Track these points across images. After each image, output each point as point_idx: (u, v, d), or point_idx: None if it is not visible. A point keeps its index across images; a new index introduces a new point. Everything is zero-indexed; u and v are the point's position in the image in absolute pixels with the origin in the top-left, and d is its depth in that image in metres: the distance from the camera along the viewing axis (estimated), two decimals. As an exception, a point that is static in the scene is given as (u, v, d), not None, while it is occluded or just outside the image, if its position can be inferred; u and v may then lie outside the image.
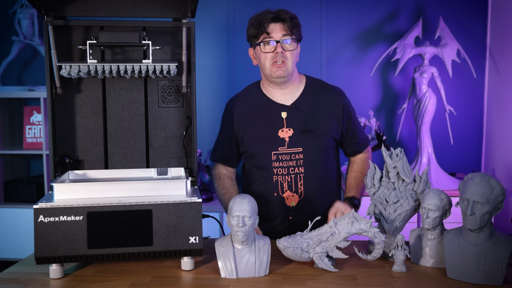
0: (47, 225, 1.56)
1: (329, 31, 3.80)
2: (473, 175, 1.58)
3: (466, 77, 3.70)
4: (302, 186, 2.01)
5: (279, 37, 1.95)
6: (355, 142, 2.12)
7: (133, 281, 1.59)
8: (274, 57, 1.95)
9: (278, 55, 1.95)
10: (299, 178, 2.00)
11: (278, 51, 1.95)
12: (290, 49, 1.96)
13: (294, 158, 2.00)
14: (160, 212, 1.61)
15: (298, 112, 2.01)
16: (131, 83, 1.94)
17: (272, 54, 1.96)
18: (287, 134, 2.00)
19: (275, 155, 2.00)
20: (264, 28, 1.95)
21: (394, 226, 1.78)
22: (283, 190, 2.01)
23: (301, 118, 2.01)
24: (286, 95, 2.05)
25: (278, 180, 2.01)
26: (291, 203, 2.01)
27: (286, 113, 2.02)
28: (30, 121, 3.96)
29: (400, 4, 3.76)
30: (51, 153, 1.85)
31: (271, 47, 1.96)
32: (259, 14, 1.99)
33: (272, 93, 2.06)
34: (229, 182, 2.13)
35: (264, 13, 1.98)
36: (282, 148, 2.00)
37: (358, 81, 3.82)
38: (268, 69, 1.98)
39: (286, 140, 2.00)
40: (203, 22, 3.80)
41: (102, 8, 1.84)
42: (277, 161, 2.00)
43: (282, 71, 1.96)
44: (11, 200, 3.86)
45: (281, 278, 1.61)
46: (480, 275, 1.55)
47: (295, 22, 1.97)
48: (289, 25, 1.95)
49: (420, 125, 3.45)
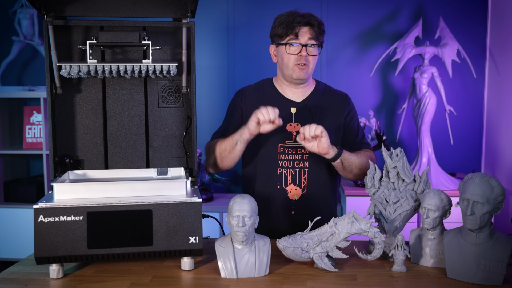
0: (47, 225, 1.56)
1: (329, 31, 3.79)
2: (473, 175, 1.58)
3: (466, 77, 3.70)
4: (305, 180, 2.03)
5: (305, 41, 1.98)
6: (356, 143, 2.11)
7: (133, 281, 1.59)
8: (298, 60, 1.99)
9: (302, 58, 1.98)
10: (303, 172, 2.03)
11: (302, 54, 1.98)
12: (314, 54, 2.00)
13: (299, 152, 2.03)
14: (160, 212, 1.61)
15: (308, 108, 2.05)
16: (131, 83, 1.94)
17: (296, 56, 1.99)
18: (295, 129, 2.03)
19: (282, 147, 2.04)
20: (293, 30, 1.97)
21: (394, 226, 1.78)
22: (287, 183, 2.04)
23: (309, 115, 2.04)
24: (298, 93, 2.09)
25: (283, 173, 2.04)
26: (294, 196, 2.04)
27: (295, 109, 2.05)
28: (30, 121, 3.96)
29: (400, 4, 3.76)
30: (51, 153, 1.85)
31: (296, 49, 1.99)
32: (288, 14, 2.01)
33: (285, 90, 2.10)
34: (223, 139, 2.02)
35: (294, 15, 1.99)
36: (289, 141, 2.04)
37: (358, 81, 3.82)
38: (291, 69, 2.01)
39: (294, 134, 2.03)
40: (203, 22, 3.81)
41: (102, 8, 1.84)
42: (283, 153, 2.03)
43: (303, 73, 2.00)
44: (11, 200, 3.86)
45: (281, 278, 1.61)
46: (480, 275, 1.55)
47: (322, 29, 2.00)
48: (317, 31, 1.98)
49: (420, 125, 3.45)
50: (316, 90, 2.11)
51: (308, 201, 2.04)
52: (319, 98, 2.09)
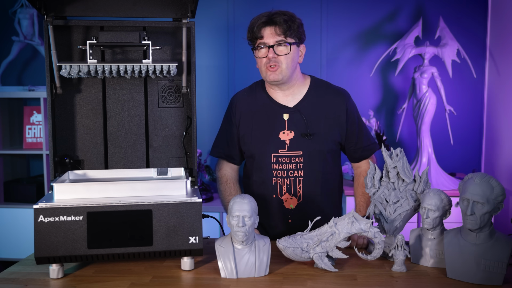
0: (47, 225, 1.56)
1: (329, 31, 3.80)
2: (473, 175, 1.57)
3: (466, 77, 3.70)
4: (301, 189, 1.99)
5: (272, 42, 1.91)
6: (361, 147, 2.07)
7: (133, 281, 1.59)
8: (267, 62, 1.93)
9: (270, 60, 1.92)
10: (298, 182, 1.99)
11: (269, 56, 1.92)
12: (284, 53, 1.92)
13: (294, 161, 1.98)
14: (160, 212, 1.61)
15: (300, 115, 1.99)
16: (131, 83, 1.94)
17: (266, 59, 1.93)
18: (288, 137, 1.98)
19: (275, 157, 1.99)
20: (256, 33, 1.93)
21: (394, 226, 1.78)
22: (282, 192, 2.00)
23: (302, 121, 1.99)
24: (288, 97, 2.02)
25: (277, 183, 2.00)
26: (290, 205, 2.00)
27: (288, 115, 2.00)
28: (30, 121, 3.96)
29: (400, 4, 3.76)
30: (51, 153, 1.85)
31: (264, 51, 1.94)
32: (255, 17, 1.96)
33: (275, 94, 2.04)
34: (236, 188, 2.10)
35: (259, 17, 1.94)
36: (283, 150, 1.99)
37: (358, 81, 3.82)
38: (264, 73, 1.97)
39: (287, 143, 1.98)
40: (203, 22, 3.81)
41: (102, 8, 1.84)
42: (277, 163, 1.99)
43: (275, 75, 1.93)
44: (11, 200, 3.86)
45: (281, 278, 1.61)
46: (480, 275, 1.55)
47: (289, 24, 1.90)
48: (283, 28, 1.90)
49: (420, 125, 3.45)
50: (310, 91, 2.03)
51: (305, 210, 1.99)
52: (313, 100, 2.02)
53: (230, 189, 2.09)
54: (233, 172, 2.13)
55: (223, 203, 2.11)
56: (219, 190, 2.13)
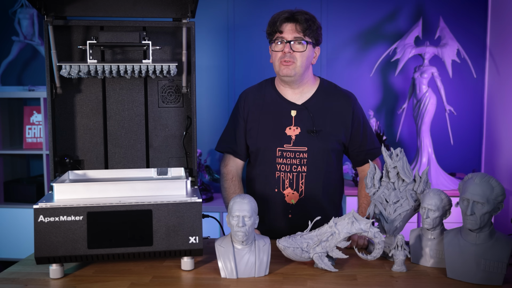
0: (47, 225, 1.56)
1: (329, 31, 3.80)
2: (473, 175, 1.58)
3: (466, 77, 3.70)
4: (303, 185, 2.01)
5: (290, 38, 1.96)
6: (364, 150, 2.09)
7: (133, 281, 1.59)
8: (283, 57, 1.97)
9: (286, 55, 1.96)
10: (301, 177, 2.01)
11: (285, 51, 1.96)
12: (300, 50, 1.97)
13: (298, 157, 2.01)
14: (160, 212, 1.61)
15: (308, 112, 2.03)
16: (131, 83, 1.94)
17: (281, 53, 1.97)
18: (294, 133, 2.02)
19: (280, 151, 2.02)
20: (277, 27, 1.97)
21: (394, 226, 1.78)
22: (284, 187, 2.02)
23: (309, 118, 2.02)
24: (297, 95, 2.06)
25: (280, 177, 2.02)
26: (291, 200, 2.02)
27: (295, 111, 2.04)
28: (30, 121, 3.96)
29: (400, 4, 3.76)
30: (51, 153, 1.85)
31: (281, 46, 1.98)
32: (278, 12, 2.01)
33: (284, 91, 2.08)
34: (240, 186, 2.12)
35: (281, 13, 1.99)
36: (288, 145, 2.02)
37: (358, 81, 3.82)
38: (277, 67, 2.00)
39: (293, 138, 2.02)
40: (203, 22, 3.81)
41: (102, 8, 1.84)
42: (281, 157, 2.02)
43: (288, 70, 1.97)
44: (11, 200, 3.86)
45: (281, 278, 1.61)
46: (480, 275, 1.55)
47: (309, 24, 1.96)
48: (303, 27, 1.95)
49: (420, 125, 3.45)
50: (318, 92, 2.08)
51: (306, 205, 2.02)
52: (321, 100, 2.06)
53: (235, 186, 2.11)
54: (238, 169, 2.15)
55: (226, 200, 2.12)
56: (222, 187, 2.14)
